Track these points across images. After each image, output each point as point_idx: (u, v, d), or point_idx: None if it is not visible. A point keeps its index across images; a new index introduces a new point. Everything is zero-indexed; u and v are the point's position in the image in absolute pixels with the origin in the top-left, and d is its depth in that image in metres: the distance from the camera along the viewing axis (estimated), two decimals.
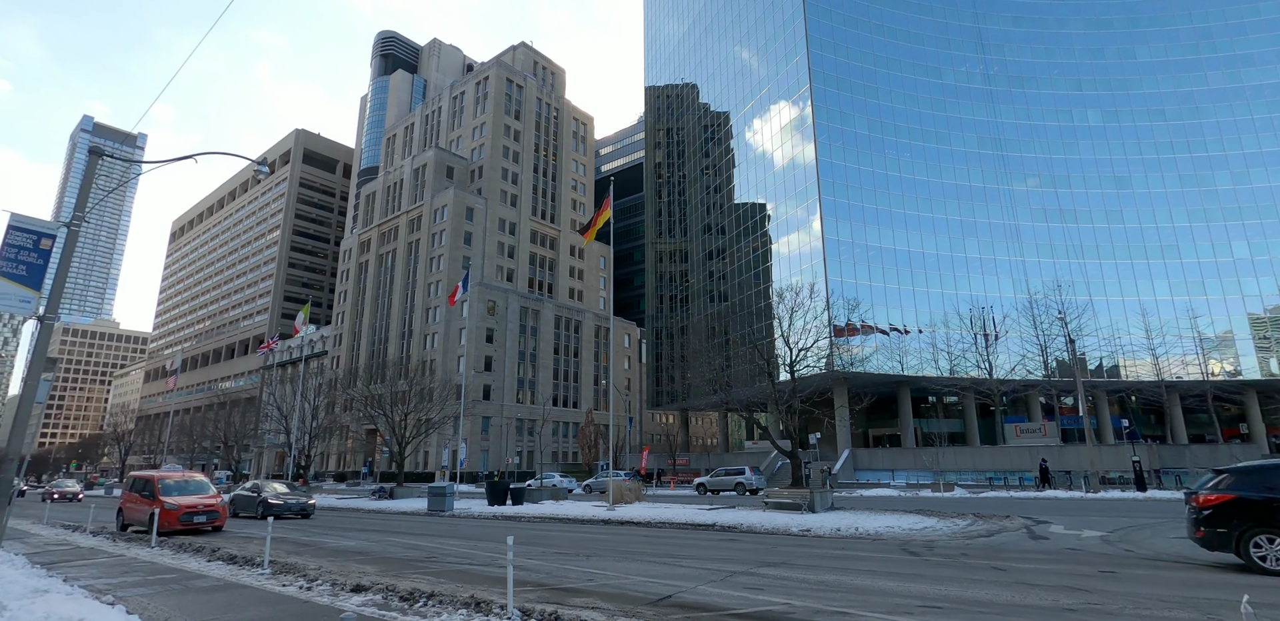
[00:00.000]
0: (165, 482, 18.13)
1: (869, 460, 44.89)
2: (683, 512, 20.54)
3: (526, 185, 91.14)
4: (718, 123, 75.05)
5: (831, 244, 48.39)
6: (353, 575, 9.47)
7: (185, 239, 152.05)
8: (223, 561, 11.47)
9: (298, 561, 10.85)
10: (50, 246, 10.78)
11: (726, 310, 69.49)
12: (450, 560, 11.28)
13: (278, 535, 16.87)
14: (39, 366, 10.37)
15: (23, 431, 10.08)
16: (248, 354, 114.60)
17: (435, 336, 79.16)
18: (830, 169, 50.14)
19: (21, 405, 10.19)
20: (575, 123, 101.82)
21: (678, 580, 8.81)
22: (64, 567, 11.44)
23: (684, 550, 12.38)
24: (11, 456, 9.29)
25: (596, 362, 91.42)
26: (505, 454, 77.68)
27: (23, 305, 10.39)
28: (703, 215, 78.37)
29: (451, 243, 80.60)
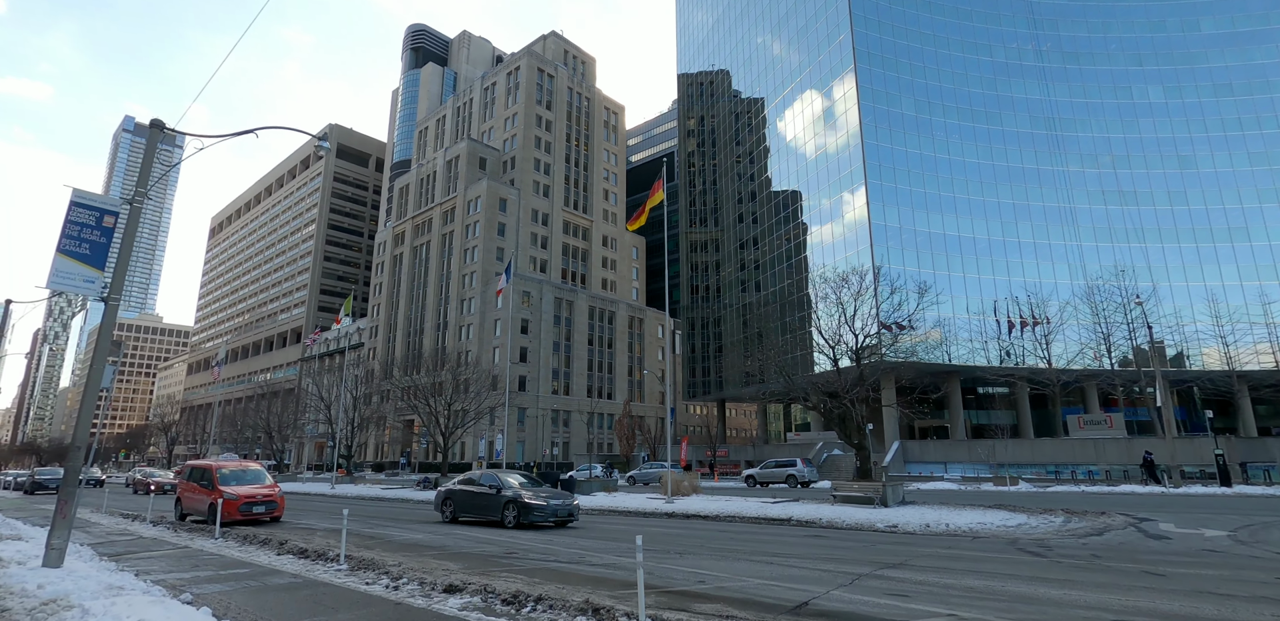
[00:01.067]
0: (223, 472, 17.81)
1: (920, 452, 43.46)
2: (747, 505, 19.66)
3: (559, 175, 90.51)
4: (752, 110, 73.43)
5: (879, 229, 46.77)
6: (437, 573, 8.78)
7: (224, 234, 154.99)
8: (293, 555, 10.92)
9: (373, 556, 10.23)
10: (113, 224, 10.25)
11: (762, 300, 68.29)
12: (533, 557, 10.56)
13: (337, 527, 16.41)
14: (104, 349, 9.86)
15: (88, 417, 9.58)
16: (286, 346, 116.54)
17: (470, 327, 79.25)
18: (876, 152, 48.41)
19: (87, 390, 9.69)
20: (606, 112, 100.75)
21: (800, 583, 7.93)
22: (131, 560, 11.01)
23: (778, 547, 11.50)
24: (78, 444, 8.73)
25: (630, 353, 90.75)
26: (541, 445, 77.59)
27: (86, 285, 9.88)
28: (736, 204, 77.02)
29: (485, 234, 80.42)
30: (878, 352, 23.61)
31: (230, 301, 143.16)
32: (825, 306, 21.67)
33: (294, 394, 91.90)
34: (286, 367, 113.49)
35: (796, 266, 62.51)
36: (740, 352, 74.38)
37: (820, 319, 21.53)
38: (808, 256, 60.73)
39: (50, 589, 7.36)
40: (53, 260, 9.64)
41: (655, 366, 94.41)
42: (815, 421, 59.25)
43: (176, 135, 11.74)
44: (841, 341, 21.82)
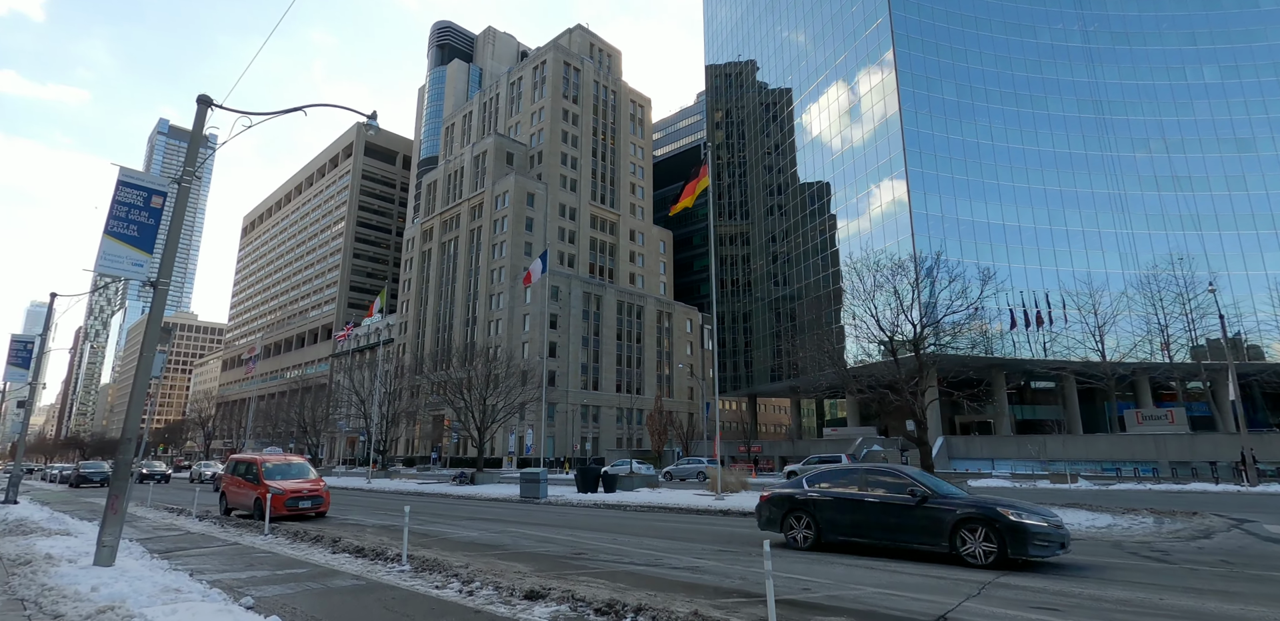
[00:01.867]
0: (268, 466, 17.44)
1: (965, 449, 42.06)
2: None
3: (585, 170, 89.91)
4: (782, 101, 72.08)
5: (920, 218, 45.30)
6: (509, 576, 8.11)
7: (256, 233, 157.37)
8: (349, 554, 10.36)
9: (434, 556, 9.61)
10: (161, 205, 9.74)
11: (794, 294, 67.13)
12: (604, 557, 9.85)
13: (386, 523, 15.95)
14: (154, 337, 9.36)
15: (138, 408, 9.09)
16: (317, 342, 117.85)
17: (499, 323, 79.16)
18: (917, 138, 46.89)
19: (137, 378, 9.20)
20: (633, 105, 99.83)
21: (919, 592, 7.10)
22: (182, 557, 10.55)
23: None
24: (129, 435, 8.17)
25: (659, 348, 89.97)
26: (571, 440, 77.31)
27: (134, 269, 9.38)
28: (765, 197, 75.85)
29: (513, 228, 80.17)
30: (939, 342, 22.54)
31: (263, 299, 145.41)
32: (882, 295, 20.64)
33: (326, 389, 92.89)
34: (318, 364, 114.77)
35: (829, 259, 61.28)
36: (771, 347, 73.33)
37: (876, 308, 20.48)
38: (839, 249, 59.44)
39: (105, 591, 6.83)
40: (100, 243, 9.15)
41: (684, 361, 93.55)
42: (851, 416, 57.99)
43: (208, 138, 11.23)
44: (899, 331, 20.78)
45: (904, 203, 45.77)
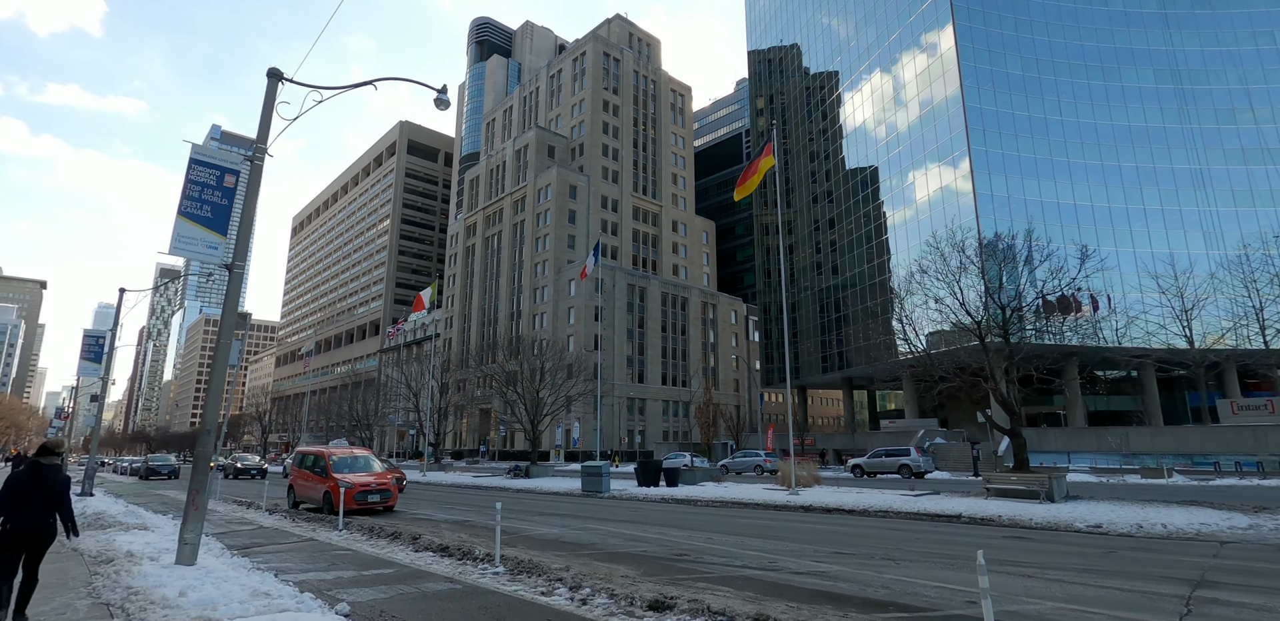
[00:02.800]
0: (335, 459, 17.13)
1: (1037, 441, 39.87)
2: (886, 498, 17.65)
3: (627, 161, 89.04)
4: (828, 86, 69.86)
5: (985, 199, 43.08)
6: (618, 580, 7.34)
7: (304, 233, 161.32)
8: (434, 553, 9.75)
9: (525, 556, 8.91)
10: (234, 184, 9.22)
11: (843, 284, 65.23)
12: (711, 560, 9.00)
13: (459, 518, 15.44)
14: (230, 323, 8.85)
15: (217, 396, 8.58)
16: (365, 338, 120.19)
17: (544, 316, 79.12)
18: (980, 115, 44.55)
19: (216, 365, 8.70)
20: (673, 94, 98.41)
21: (1118, 609, 6.05)
22: (261, 554, 10.10)
23: (994, 552, 9.53)
24: (209, 426, 7.61)
25: (704, 340, 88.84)
26: (618, 433, 76.93)
27: (209, 252, 8.88)
28: (810, 185, 73.84)
29: (556, 221, 79.91)
30: (1037, 326, 21.04)
31: (313, 297, 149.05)
32: (967, 277, 19.23)
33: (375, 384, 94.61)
34: (367, 359, 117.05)
35: (878, 248, 59.32)
36: (819, 338, 71.53)
37: (961, 290, 19.10)
38: (889, 237, 57.40)
39: (194, 597, 6.27)
40: (174, 224, 8.66)
41: (729, 353, 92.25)
42: (909, 407, 56.03)
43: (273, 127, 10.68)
44: (986, 314, 19.37)
45: (967, 183, 43.57)
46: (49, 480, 5.84)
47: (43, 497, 5.76)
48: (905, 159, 52.16)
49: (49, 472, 5.90)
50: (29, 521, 5.65)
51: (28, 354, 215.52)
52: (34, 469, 5.85)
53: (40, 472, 5.84)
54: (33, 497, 5.71)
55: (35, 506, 5.72)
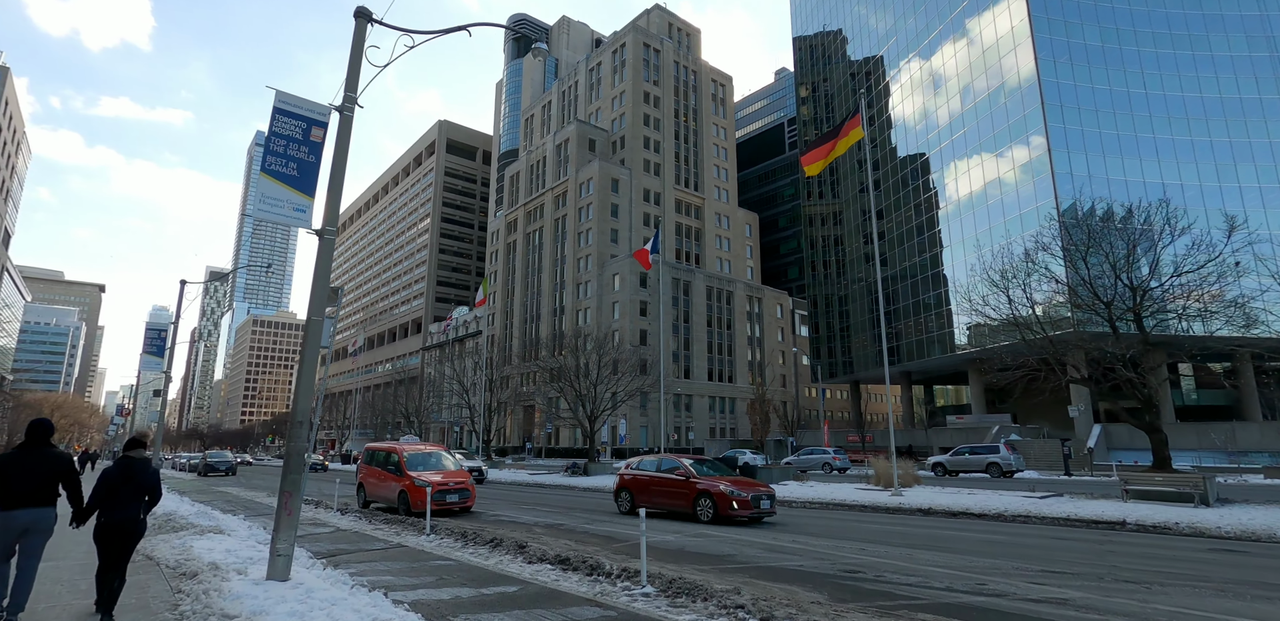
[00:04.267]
0: (409, 455, 16.01)
1: (1128, 438, 37.17)
2: (1006, 500, 15.81)
3: (668, 153, 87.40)
4: (877, 71, 67.24)
5: (1064, 180, 40.31)
6: (812, 609, 5.85)
7: (346, 233, 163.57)
8: (551, 565, 8.39)
9: (675, 573, 7.47)
10: (321, 138, 7.98)
11: (896, 276, 62.80)
12: (894, 578, 7.44)
13: (548, 521, 14.12)
14: (321, 298, 7.62)
15: (309, 385, 7.36)
16: (408, 336, 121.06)
17: (588, 311, 78.06)
18: (1057, 90, 41.71)
19: (306, 348, 7.47)
20: (714, 85, 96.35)
21: None
22: (353, 564, 8.88)
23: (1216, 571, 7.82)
24: (300, 417, 6.30)
25: (749, 335, 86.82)
26: (665, 429, 75.52)
27: (296, 215, 7.65)
28: (858, 174, 71.30)
29: (598, 216, 78.76)
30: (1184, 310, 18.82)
31: (356, 296, 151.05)
32: (1095, 255, 17.22)
33: (417, 381, 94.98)
34: (409, 357, 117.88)
35: (931, 240, 56.88)
36: (872, 331, 69.02)
37: (1088, 269, 17.10)
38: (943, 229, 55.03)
39: None
40: (257, 183, 7.46)
41: (775, 348, 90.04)
42: (977, 402, 53.32)
43: None
44: (1118, 297, 17.34)
45: (1044, 164, 40.82)
46: (140, 473, 5.78)
47: (134, 491, 5.73)
48: (969, 142, 49.48)
49: (139, 466, 5.81)
50: (122, 515, 5.62)
51: (88, 355, 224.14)
52: (125, 463, 5.77)
53: (131, 466, 5.76)
54: (125, 491, 5.67)
55: (127, 500, 5.69)
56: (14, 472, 5.33)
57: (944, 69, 52.98)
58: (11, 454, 5.49)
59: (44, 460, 5.50)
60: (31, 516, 5.33)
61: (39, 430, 5.63)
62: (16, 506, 5.29)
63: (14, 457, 5.42)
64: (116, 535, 5.59)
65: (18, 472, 5.34)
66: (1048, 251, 18.57)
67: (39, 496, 5.40)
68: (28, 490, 5.35)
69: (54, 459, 5.56)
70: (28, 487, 5.35)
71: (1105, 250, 17.49)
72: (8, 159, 75.09)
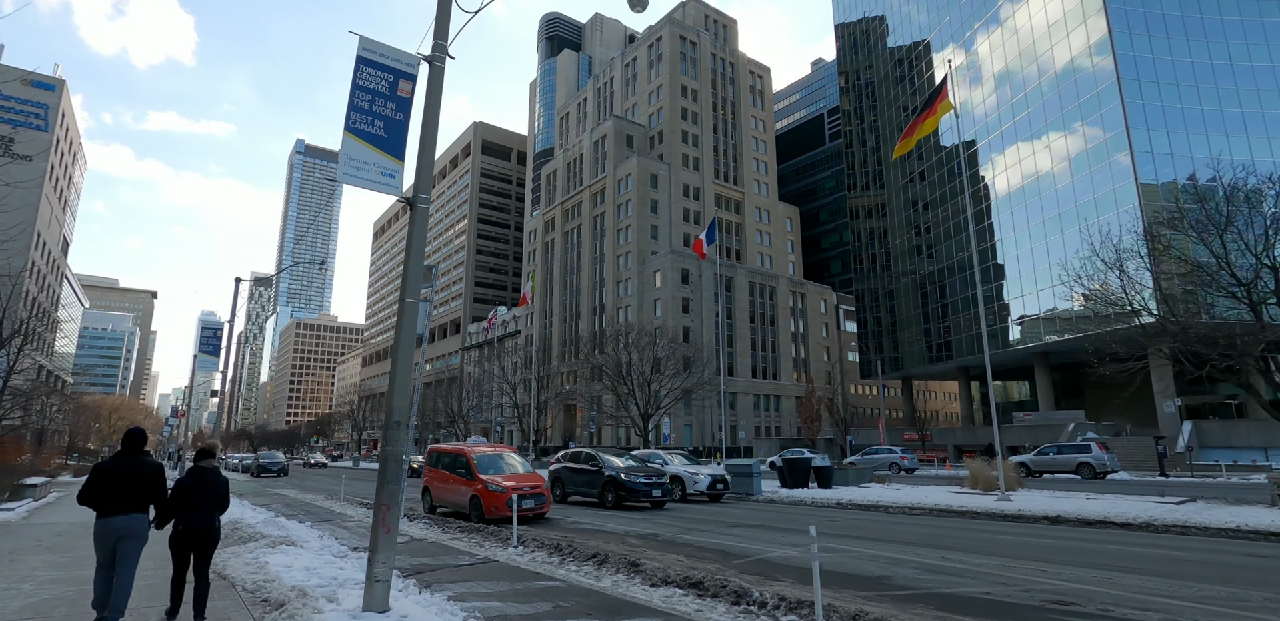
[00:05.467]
0: (479, 457, 14.99)
1: (1223, 435, 34.51)
2: (1145, 507, 14.04)
3: (707, 147, 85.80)
4: (926, 56, 64.73)
5: (1144, 159, 37.66)
6: None
7: (385, 237, 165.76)
8: (683, 589, 7.15)
9: (855, 608, 6.15)
10: (409, 94, 6.88)
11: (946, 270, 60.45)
12: (1129, 613, 5.99)
13: (639, 530, 12.91)
14: (416, 277, 6.52)
15: (406, 378, 6.27)
16: (447, 337, 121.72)
17: (629, 309, 76.97)
18: (1133, 64, 39.04)
19: (400, 334, 6.37)
20: (752, 76, 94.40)
21: None
22: (448, 585, 7.78)
23: None
24: (397, 417, 5.10)
25: (793, 331, 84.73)
26: (709, 427, 74.07)
27: (385, 181, 6.56)
28: (905, 164, 68.81)
29: (638, 212, 77.60)
30: None
31: (395, 298, 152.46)
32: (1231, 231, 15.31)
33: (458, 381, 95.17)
34: (449, 357, 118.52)
35: (985, 232, 54.48)
36: (921, 327, 66.55)
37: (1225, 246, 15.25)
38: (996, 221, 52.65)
39: None
40: (341, 143, 6.38)
41: (819, 344, 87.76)
42: (1045, 398, 50.61)
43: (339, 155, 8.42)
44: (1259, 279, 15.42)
45: (1121, 143, 38.18)
46: (211, 482, 5.97)
47: (208, 499, 5.91)
48: (1032, 124, 46.93)
49: (210, 475, 5.99)
50: (199, 522, 5.80)
51: (142, 358, 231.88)
52: (197, 473, 5.96)
53: (203, 475, 5.95)
54: (199, 500, 5.85)
55: (202, 508, 5.85)
56: (112, 481, 5.55)
57: (1001, 49, 50.42)
58: (109, 462, 5.69)
59: (139, 468, 5.70)
60: (127, 522, 5.54)
61: (135, 439, 5.84)
62: (114, 513, 5.51)
63: (112, 466, 5.63)
64: (193, 541, 5.76)
65: (116, 481, 5.56)
66: (1174, 229, 16.70)
67: (133, 503, 5.61)
68: (124, 497, 5.55)
69: (147, 467, 5.76)
70: (124, 495, 5.56)
71: (1238, 228, 15.58)
72: (65, 170, 77.32)
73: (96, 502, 5.49)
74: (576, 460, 18.73)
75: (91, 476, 5.58)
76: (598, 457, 17.75)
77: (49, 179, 67.73)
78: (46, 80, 67.90)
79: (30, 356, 23.08)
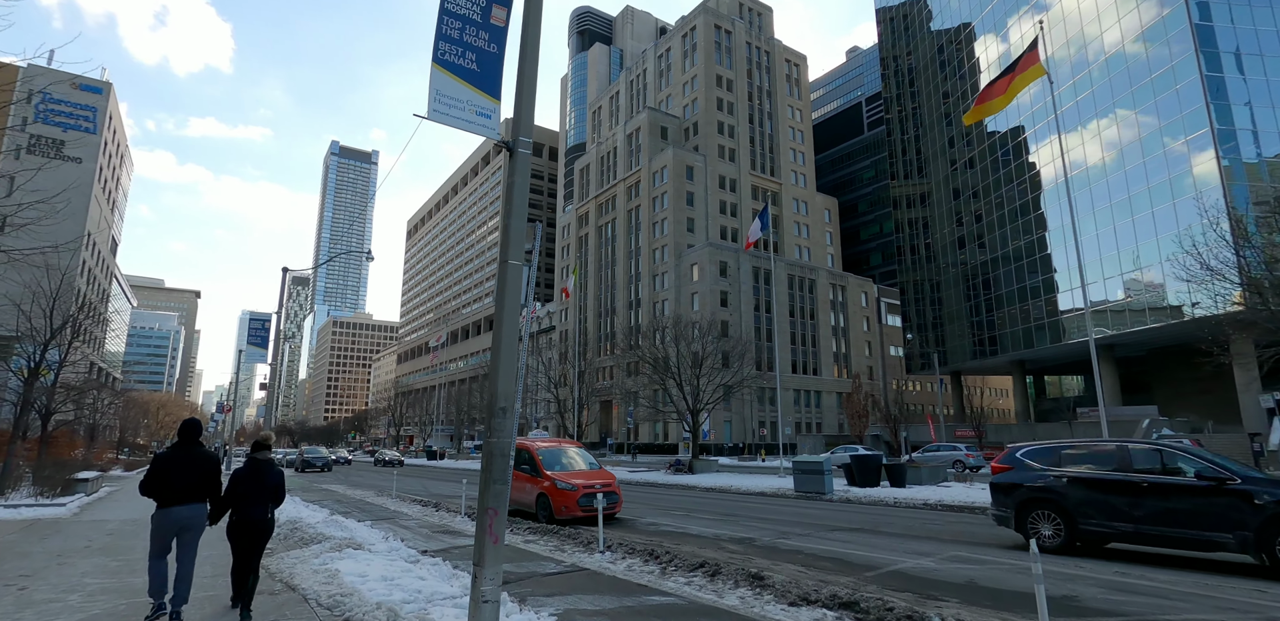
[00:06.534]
0: (543, 453, 13.99)
1: None
2: None
3: (743, 137, 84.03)
4: (970, 40, 62.16)
5: (1225, 137, 35.07)
6: None
7: (419, 235, 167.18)
8: (830, 610, 5.97)
9: None
10: (504, 22, 5.81)
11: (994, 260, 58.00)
12: None
13: (731, 533, 11.76)
14: (518, 236, 5.43)
15: (511, 356, 5.20)
16: (481, 334, 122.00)
17: (665, 303, 75.74)
18: (1212, 35, 36.40)
19: (505, 303, 5.29)
20: (788, 64, 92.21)
21: None
22: (542, 599, 6.72)
23: None
24: (504, 402, 3.90)
25: (833, 325, 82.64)
26: (749, 423, 72.61)
27: (480, 121, 5.50)
28: (949, 151, 66.37)
29: (674, 205, 76.26)
30: None
31: (429, 296, 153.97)
32: None
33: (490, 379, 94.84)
34: (483, 353, 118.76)
35: (1036, 222, 52.08)
36: (968, 320, 64.05)
37: None
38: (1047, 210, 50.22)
39: None
40: (429, 76, 5.33)
41: (860, 338, 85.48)
42: (1110, 394, 48.00)
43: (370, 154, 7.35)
44: None
45: (1200, 120, 35.63)
46: (266, 475, 5.91)
47: (262, 491, 5.85)
48: (1097, 104, 44.39)
49: (265, 467, 5.95)
50: (254, 514, 5.78)
51: (187, 357, 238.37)
52: (253, 465, 5.93)
53: (258, 468, 5.91)
54: (254, 491, 5.81)
55: (257, 500, 5.82)
56: (172, 471, 5.58)
57: (1061, 25, 47.80)
58: (168, 453, 5.69)
59: (196, 459, 5.73)
60: (187, 513, 5.60)
61: (191, 430, 5.82)
62: (174, 503, 5.55)
63: (170, 457, 5.64)
64: (248, 532, 5.77)
65: (175, 471, 5.59)
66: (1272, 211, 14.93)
67: (193, 493, 5.65)
68: (183, 488, 5.59)
69: (204, 458, 5.79)
70: (183, 485, 5.59)
71: None
72: (113, 172, 78.95)
73: (157, 493, 5.53)
74: None
75: (152, 467, 5.60)
76: None
77: (98, 180, 69.07)
78: (94, 83, 69.17)
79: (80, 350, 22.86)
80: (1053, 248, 51.12)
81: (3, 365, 21.85)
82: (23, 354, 19.01)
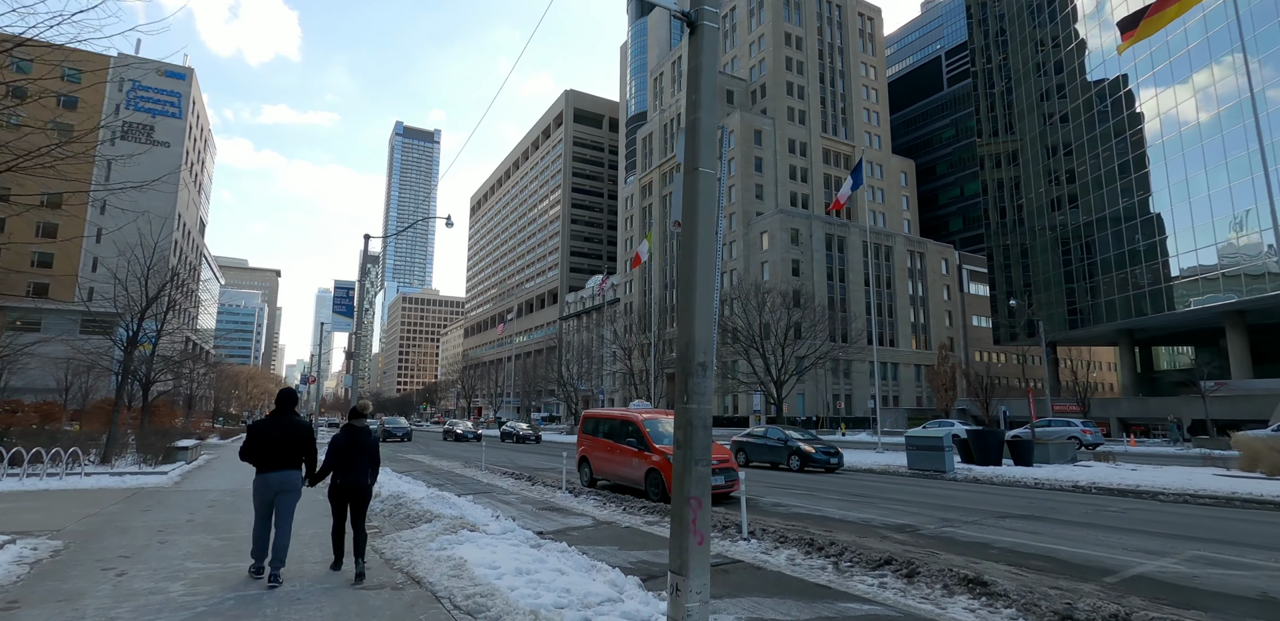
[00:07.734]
0: (650, 425, 12.80)
1: None
2: None
3: (813, 99, 79.75)
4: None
5: None
6: None
7: (482, 211, 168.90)
8: None
9: None
10: None
11: (1090, 223, 53.13)
12: None
13: (870, 517, 10.33)
14: (709, 137, 4.02)
15: (708, 295, 3.86)
16: (545, 307, 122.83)
17: (734, 273, 73.57)
18: None
19: (698, 218, 3.93)
20: (861, 19, 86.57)
21: None
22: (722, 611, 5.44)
23: None
24: (701, 359, 2.34)
25: (911, 294, 78.66)
26: (822, 397, 70.33)
27: None
28: (1042, 106, 60.83)
29: (742, 171, 73.40)
30: None
31: (494, 270, 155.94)
32: None
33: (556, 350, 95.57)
34: (547, 327, 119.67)
35: (1138, 183, 47.03)
36: (1062, 287, 59.31)
37: None
38: (1151, 170, 45.19)
39: None
40: None
41: (940, 307, 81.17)
42: (1239, 365, 43.48)
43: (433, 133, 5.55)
44: None
45: None
46: (364, 441, 6.09)
47: (360, 456, 6.02)
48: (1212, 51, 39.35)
49: (362, 434, 6.11)
50: (354, 479, 5.96)
51: (271, 332, 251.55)
52: (351, 432, 6.09)
53: (356, 435, 6.08)
54: (354, 457, 5.99)
55: (356, 464, 5.98)
56: (269, 439, 5.72)
57: None
58: (265, 422, 5.81)
59: (291, 427, 5.81)
60: (283, 478, 5.74)
61: (287, 399, 5.95)
62: (271, 469, 5.71)
63: (267, 425, 5.78)
64: (350, 495, 5.97)
65: (272, 439, 5.73)
66: None
67: (289, 460, 5.77)
68: (279, 454, 5.73)
69: (299, 426, 5.87)
70: (280, 452, 5.73)
71: None
72: (199, 155, 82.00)
73: (256, 459, 5.69)
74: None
75: (250, 435, 5.75)
76: None
77: (185, 163, 71.72)
78: (178, 69, 71.37)
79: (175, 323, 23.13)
80: (1164, 206, 46.22)
81: (105, 337, 22.30)
82: (124, 325, 19.22)
